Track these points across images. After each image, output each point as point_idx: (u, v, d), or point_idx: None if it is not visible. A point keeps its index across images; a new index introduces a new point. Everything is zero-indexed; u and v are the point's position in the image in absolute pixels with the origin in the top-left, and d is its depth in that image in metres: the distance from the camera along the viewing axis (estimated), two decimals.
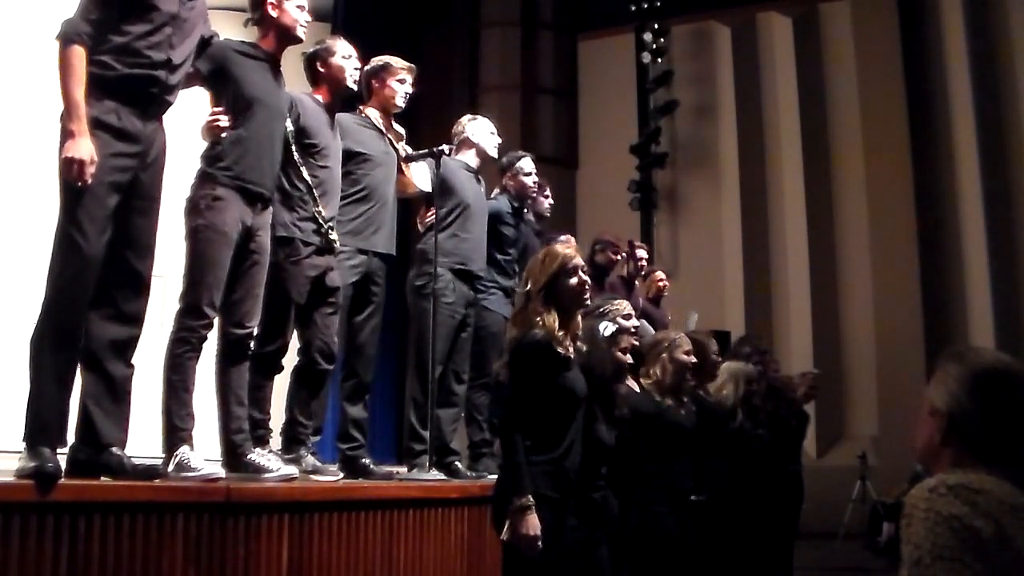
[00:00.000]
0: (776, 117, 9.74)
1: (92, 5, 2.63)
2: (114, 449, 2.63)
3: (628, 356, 3.32)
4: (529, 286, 2.81)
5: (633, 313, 3.82)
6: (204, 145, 3.10)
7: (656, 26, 9.76)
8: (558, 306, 2.79)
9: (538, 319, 2.75)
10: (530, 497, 2.60)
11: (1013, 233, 8.60)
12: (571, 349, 2.84)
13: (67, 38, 2.58)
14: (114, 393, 2.67)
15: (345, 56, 3.60)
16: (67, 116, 2.54)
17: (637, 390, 3.79)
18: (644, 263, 6.29)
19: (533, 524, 2.58)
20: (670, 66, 9.96)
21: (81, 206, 2.53)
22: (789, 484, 5.33)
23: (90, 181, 2.50)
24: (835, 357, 9.20)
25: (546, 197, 4.96)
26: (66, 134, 2.52)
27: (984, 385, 1.49)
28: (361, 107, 3.86)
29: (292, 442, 3.41)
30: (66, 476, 2.45)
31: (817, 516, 7.08)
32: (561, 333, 2.78)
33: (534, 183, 4.80)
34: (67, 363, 2.56)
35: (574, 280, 2.83)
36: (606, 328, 3.09)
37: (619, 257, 5.83)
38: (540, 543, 2.58)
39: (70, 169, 2.49)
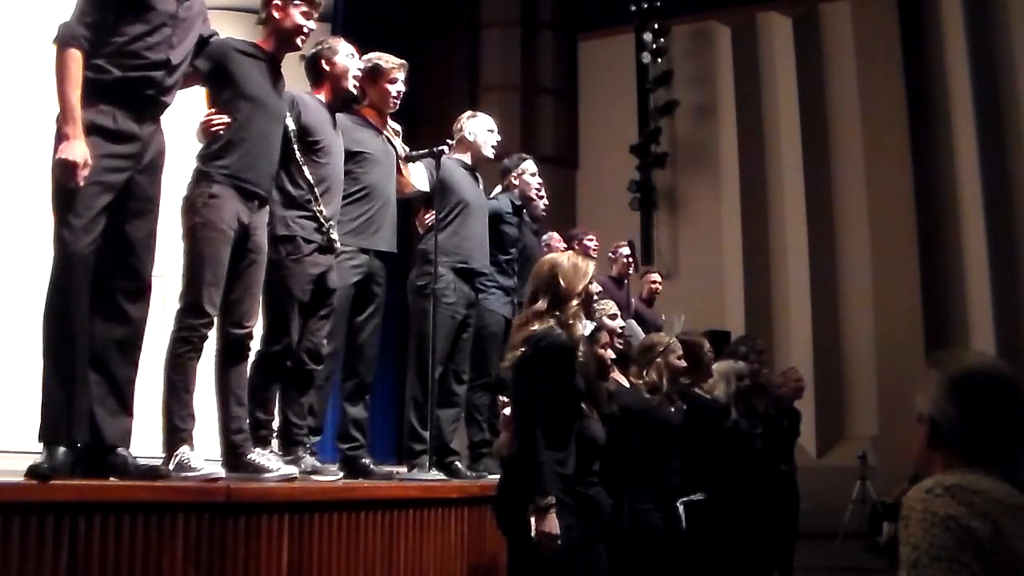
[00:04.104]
0: (776, 117, 9.75)
1: (88, 7, 2.63)
2: (119, 450, 2.64)
3: (609, 351, 3.37)
4: (563, 289, 2.85)
5: (619, 313, 3.86)
6: (200, 145, 3.09)
7: (656, 26, 9.77)
8: (585, 314, 2.89)
9: (572, 322, 2.83)
10: (552, 497, 2.64)
11: (1013, 233, 8.60)
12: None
13: (63, 42, 2.58)
14: (118, 394, 2.67)
15: (348, 55, 3.60)
16: (62, 119, 2.55)
17: (627, 385, 3.81)
18: (632, 263, 6.36)
19: (554, 524, 2.64)
20: (670, 66, 9.97)
21: (69, 206, 2.54)
22: (781, 485, 5.33)
23: (82, 184, 2.51)
24: (835, 357, 9.21)
25: (541, 198, 4.98)
26: (61, 137, 2.54)
27: (961, 389, 1.52)
28: (357, 108, 3.86)
29: (289, 444, 3.41)
30: (72, 476, 2.46)
31: (817, 516, 7.09)
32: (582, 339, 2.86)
33: (539, 184, 4.83)
34: (69, 360, 2.56)
35: (594, 288, 2.95)
36: (584, 327, 3.14)
37: (593, 243, 5.91)
38: (559, 543, 2.63)
39: (63, 171, 2.50)
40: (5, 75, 5.57)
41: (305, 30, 3.23)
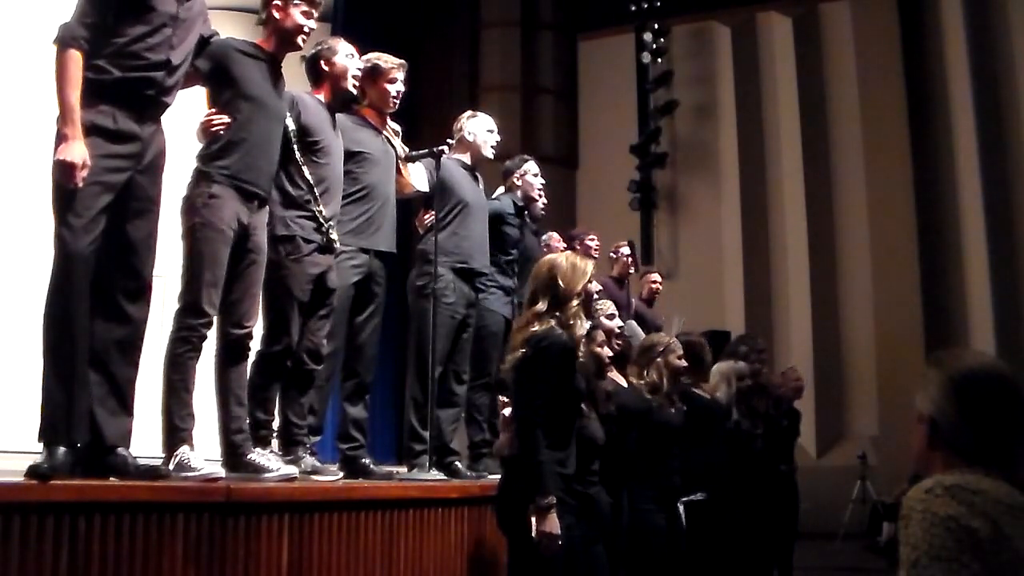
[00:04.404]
0: (776, 117, 9.75)
1: (89, 8, 2.62)
2: (119, 450, 2.64)
3: (606, 349, 3.38)
4: (562, 291, 2.86)
5: (617, 313, 3.87)
6: (200, 145, 3.09)
7: (656, 26, 9.77)
8: (585, 313, 2.90)
9: (572, 323, 2.84)
10: (553, 497, 2.65)
11: (1013, 233, 8.60)
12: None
13: (64, 42, 2.58)
14: (118, 394, 2.67)
15: (348, 55, 3.60)
16: (61, 120, 2.55)
17: (624, 385, 3.82)
18: (632, 262, 6.37)
19: (555, 524, 2.65)
20: (670, 66, 9.98)
21: (69, 206, 2.54)
22: (781, 485, 5.33)
23: (81, 185, 2.51)
24: (835, 357, 9.21)
25: (540, 197, 4.98)
26: (60, 137, 2.53)
27: (961, 389, 1.51)
28: (356, 108, 3.86)
29: (289, 444, 3.41)
30: (72, 476, 2.46)
31: (817, 516, 7.09)
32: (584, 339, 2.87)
33: (541, 184, 4.83)
34: (69, 360, 2.56)
35: (594, 288, 2.96)
36: (584, 327, 3.15)
37: (594, 243, 5.94)
38: (560, 542, 2.64)
39: (62, 172, 2.50)
40: (5, 75, 5.57)
41: (306, 29, 3.23)
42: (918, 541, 1.41)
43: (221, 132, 3.02)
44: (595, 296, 3.04)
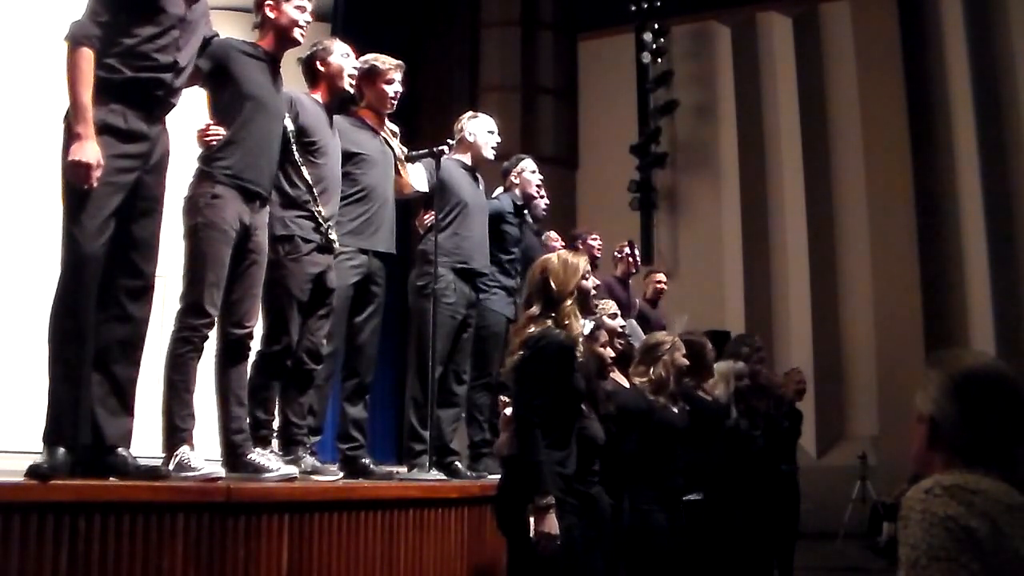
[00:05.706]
0: (776, 117, 9.75)
1: (101, 7, 2.63)
2: (119, 449, 2.64)
3: (608, 350, 3.38)
4: (554, 291, 2.85)
5: (619, 313, 3.87)
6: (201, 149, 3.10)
7: (656, 26, 9.77)
8: (582, 310, 2.89)
9: (567, 322, 2.83)
10: (552, 497, 2.65)
11: (1013, 233, 8.60)
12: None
13: (75, 40, 2.58)
14: (119, 394, 2.67)
15: (343, 55, 3.61)
16: (74, 119, 2.55)
17: (626, 385, 3.81)
18: (638, 262, 6.38)
19: (553, 524, 2.65)
20: (670, 66, 9.98)
21: (82, 206, 2.54)
22: (782, 485, 5.33)
23: (96, 185, 2.51)
24: (835, 357, 9.21)
25: (541, 197, 5.00)
26: (72, 136, 2.53)
27: (962, 389, 1.51)
28: (354, 109, 3.86)
29: (289, 443, 3.42)
30: (72, 476, 2.46)
31: (817, 516, 7.08)
32: (581, 338, 2.86)
33: (539, 181, 4.84)
34: (75, 361, 2.56)
35: (589, 283, 2.95)
36: (583, 325, 3.15)
37: (597, 243, 5.94)
38: (558, 543, 2.64)
39: (76, 172, 2.49)
40: (7, 74, 5.57)
41: (301, 23, 3.24)
42: (917, 541, 1.41)
43: (214, 144, 3.03)
44: (592, 292, 3.03)
